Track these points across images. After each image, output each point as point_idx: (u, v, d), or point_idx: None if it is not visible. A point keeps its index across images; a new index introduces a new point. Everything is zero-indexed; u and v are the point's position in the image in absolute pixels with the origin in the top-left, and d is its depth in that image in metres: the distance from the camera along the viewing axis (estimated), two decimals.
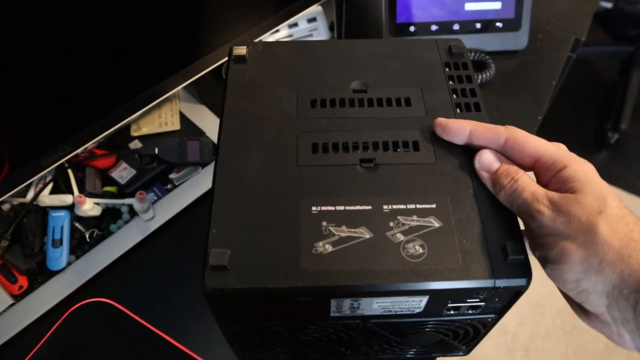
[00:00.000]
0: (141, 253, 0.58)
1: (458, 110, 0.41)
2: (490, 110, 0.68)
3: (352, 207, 0.35)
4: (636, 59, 1.75)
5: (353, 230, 0.34)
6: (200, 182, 0.61)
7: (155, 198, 0.60)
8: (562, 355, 1.29)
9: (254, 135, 0.39)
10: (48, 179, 0.59)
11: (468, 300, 0.35)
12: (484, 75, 0.69)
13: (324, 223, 0.34)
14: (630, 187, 1.58)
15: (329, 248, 0.33)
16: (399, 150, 0.39)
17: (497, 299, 0.36)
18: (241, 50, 0.45)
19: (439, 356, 0.47)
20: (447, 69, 0.44)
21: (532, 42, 0.76)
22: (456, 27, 0.72)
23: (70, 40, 0.45)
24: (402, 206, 0.35)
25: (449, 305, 0.36)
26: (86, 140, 0.52)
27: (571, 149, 0.36)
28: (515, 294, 0.35)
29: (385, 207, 0.35)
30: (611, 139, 1.65)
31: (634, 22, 1.85)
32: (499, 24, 0.72)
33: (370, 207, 0.35)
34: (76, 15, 0.44)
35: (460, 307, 0.37)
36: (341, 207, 0.35)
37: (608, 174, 1.61)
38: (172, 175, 0.62)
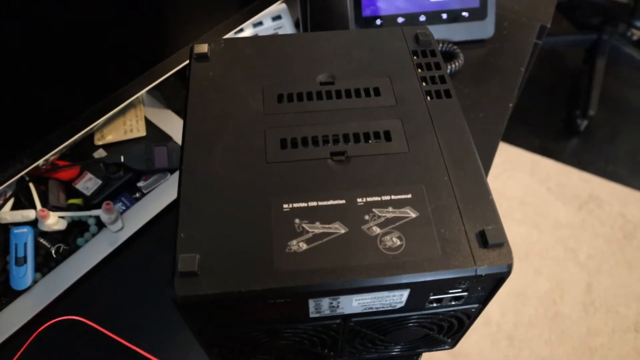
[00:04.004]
0: (111, 266, 0.55)
1: (428, 98, 0.41)
2: (461, 99, 0.68)
3: (325, 202, 0.34)
4: (600, 46, 1.79)
5: (327, 226, 0.33)
6: (169, 189, 0.59)
7: (124, 208, 0.58)
8: (546, 342, 1.30)
9: (220, 134, 0.38)
10: (8, 194, 0.56)
11: (450, 291, 0.35)
12: (453, 66, 0.69)
13: (297, 220, 0.33)
14: (601, 172, 1.61)
15: (303, 246, 0.32)
16: (370, 141, 0.37)
17: (479, 288, 0.35)
18: (202, 48, 0.43)
19: (425, 351, 0.46)
20: (415, 57, 0.43)
21: (498, 30, 0.76)
22: (422, 18, 0.71)
23: (23, 44, 0.43)
24: (376, 198, 0.34)
25: (431, 297, 0.35)
26: (45, 152, 0.50)
27: (543, 138, 0.35)
28: (498, 281, 0.34)
29: (359, 200, 0.34)
30: (581, 125, 1.68)
31: (595, 11, 1.88)
32: (464, 14, 0.72)
33: (344, 201, 0.34)
34: (29, 18, 0.42)
35: (442, 298, 0.35)
36: (314, 203, 0.34)
37: (580, 161, 1.63)
38: (140, 184, 0.59)
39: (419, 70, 0.43)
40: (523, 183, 1.59)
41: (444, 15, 0.71)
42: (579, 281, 1.40)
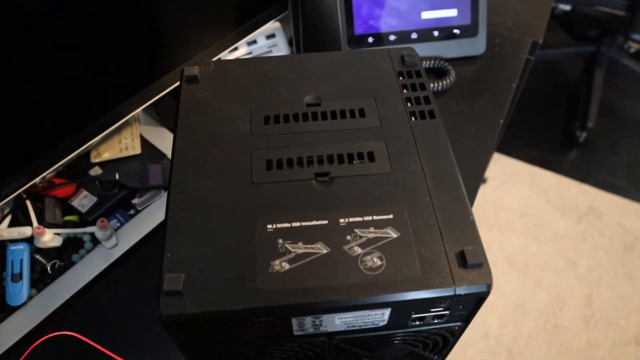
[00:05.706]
0: (106, 282, 0.56)
1: (413, 119, 0.41)
2: (452, 116, 0.69)
3: (308, 223, 0.34)
4: (598, 58, 1.79)
5: (309, 246, 0.33)
6: (163, 206, 0.60)
7: (118, 225, 0.59)
8: (546, 355, 1.29)
9: (207, 155, 0.39)
10: (5, 211, 0.57)
11: (432, 310, 0.35)
12: (445, 82, 0.70)
13: (280, 241, 0.34)
14: (600, 184, 1.61)
15: (286, 266, 0.33)
16: (354, 162, 0.38)
17: (461, 307, 0.35)
18: (193, 70, 0.44)
19: None
20: (400, 78, 0.44)
21: (490, 46, 0.77)
22: (414, 36, 0.72)
23: (20, 65, 0.44)
24: (358, 219, 0.35)
25: (414, 316, 0.36)
26: (41, 171, 0.51)
27: (542, 149, 0.36)
28: (478, 300, 0.35)
29: (341, 220, 0.35)
30: (580, 137, 1.68)
31: (593, 23, 1.90)
32: (456, 31, 0.73)
33: (326, 222, 0.35)
34: (25, 38, 0.43)
35: (425, 317, 0.36)
36: (297, 224, 0.34)
37: (579, 173, 1.64)
38: (135, 201, 0.60)
39: (404, 90, 0.44)
40: (522, 195, 1.59)
41: (436, 33, 0.73)
42: (579, 293, 1.40)
